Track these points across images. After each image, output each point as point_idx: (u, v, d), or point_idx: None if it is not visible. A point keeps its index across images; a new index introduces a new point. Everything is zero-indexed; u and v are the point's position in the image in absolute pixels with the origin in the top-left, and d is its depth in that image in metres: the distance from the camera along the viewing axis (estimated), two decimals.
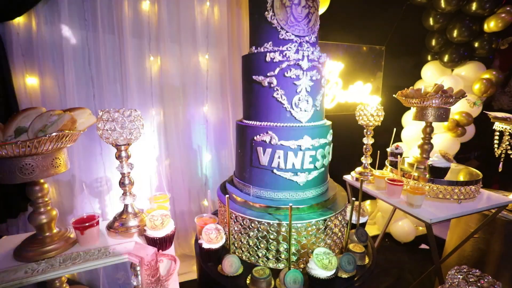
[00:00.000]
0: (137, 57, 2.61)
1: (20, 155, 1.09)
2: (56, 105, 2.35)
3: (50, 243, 1.27)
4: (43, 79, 2.33)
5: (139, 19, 2.56)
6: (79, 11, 2.37)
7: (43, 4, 2.23)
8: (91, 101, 2.51)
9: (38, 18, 2.25)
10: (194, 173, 2.94)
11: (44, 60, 2.31)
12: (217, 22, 2.81)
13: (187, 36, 2.70)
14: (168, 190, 2.81)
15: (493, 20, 2.90)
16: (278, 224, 1.24)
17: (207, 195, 3.02)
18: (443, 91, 1.80)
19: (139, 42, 2.60)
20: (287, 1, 1.22)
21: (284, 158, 1.27)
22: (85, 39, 2.41)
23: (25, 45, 2.26)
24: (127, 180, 1.41)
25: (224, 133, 3.00)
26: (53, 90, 2.37)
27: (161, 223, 1.25)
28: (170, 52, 2.65)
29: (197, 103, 2.85)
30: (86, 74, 2.46)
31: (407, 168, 2.04)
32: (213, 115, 2.94)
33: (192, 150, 2.91)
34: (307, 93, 1.27)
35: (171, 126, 2.77)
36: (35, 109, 1.19)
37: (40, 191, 1.25)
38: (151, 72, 2.68)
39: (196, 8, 2.70)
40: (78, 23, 2.37)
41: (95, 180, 2.54)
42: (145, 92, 2.70)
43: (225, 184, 1.61)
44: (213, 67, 2.85)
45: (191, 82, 2.78)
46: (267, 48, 1.28)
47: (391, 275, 3.00)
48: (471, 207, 1.75)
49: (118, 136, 1.28)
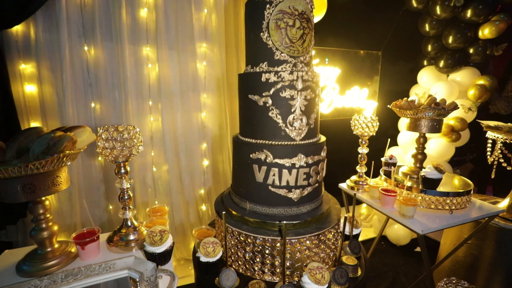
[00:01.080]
0: (136, 64, 2.64)
1: (22, 176, 1.13)
2: (55, 111, 2.39)
3: (51, 258, 1.31)
4: (41, 86, 2.35)
5: (137, 26, 2.58)
6: (78, 18, 2.39)
7: (42, 12, 2.25)
8: (89, 108, 2.54)
9: (37, 26, 2.28)
10: (192, 178, 2.98)
11: (43, 68, 2.33)
12: (215, 28, 2.83)
13: (185, 42, 2.73)
14: (166, 195, 2.88)
15: (488, 27, 2.94)
16: (273, 240, 1.29)
17: (205, 200, 3.07)
18: (436, 104, 1.84)
19: (137, 49, 2.63)
20: (282, 23, 1.26)
21: (278, 176, 1.31)
22: (83, 46, 2.43)
23: (24, 52, 2.29)
24: (127, 195, 1.45)
25: (223, 139, 3.04)
26: (51, 97, 2.40)
27: (160, 239, 1.30)
28: (168, 58, 2.68)
29: (196, 109, 2.89)
30: (84, 81, 2.49)
31: (401, 178, 2.09)
32: (210, 120, 2.97)
33: (190, 155, 2.95)
34: (302, 112, 1.31)
35: (169, 131, 2.81)
36: (36, 129, 1.23)
37: (42, 208, 1.29)
38: (149, 79, 2.71)
39: (194, 15, 2.72)
40: (76, 30, 2.40)
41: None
42: (144, 98, 2.73)
43: (222, 197, 1.66)
44: (210, 73, 2.89)
45: (189, 88, 2.82)
46: (262, 68, 1.31)
47: (386, 278, 3.06)
48: (462, 217, 1.80)
49: (117, 154, 1.32)
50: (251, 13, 1.34)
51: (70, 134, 1.21)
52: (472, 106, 3.26)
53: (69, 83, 2.38)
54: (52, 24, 2.31)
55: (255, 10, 1.30)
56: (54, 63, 2.36)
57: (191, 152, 2.94)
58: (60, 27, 2.29)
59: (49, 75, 2.37)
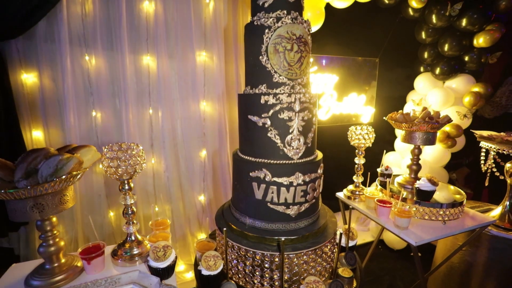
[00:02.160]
0: (136, 72, 2.69)
1: (32, 196, 1.19)
2: (56, 120, 2.43)
3: (59, 273, 1.37)
4: (43, 95, 2.40)
5: (137, 35, 2.63)
6: (79, 28, 2.43)
7: (43, 22, 2.29)
8: (90, 116, 2.59)
9: (38, 35, 2.32)
10: (192, 182, 3.04)
11: (44, 77, 2.38)
12: (214, 35, 2.88)
13: (185, 51, 2.78)
14: (166, 200, 2.94)
15: (482, 36, 3.01)
16: (272, 255, 1.35)
17: (205, 204, 3.14)
18: (430, 117, 1.91)
19: (137, 58, 2.68)
20: (280, 47, 1.32)
21: (277, 193, 1.38)
22: (84, 55, 2.48)
23: (26, 62, 2.34)
24: (130, 210, 1.51)
25: (222, 139, 3.09)
26: (53, 106, 2.44)
27: (164, 254, 1.36)
28: (168, 67, 2.73)
29: (195, 116, 2.94)
30: (85, 89, 2.54)
31: (396, 188, 2.16)
32: (209, 120, 3.02)
33: (190, 161, 3.00)
34: (299, 132, 1.38)
35: (169, 138, 2.86)
36: (43, 150, 1.28)
37: (49, 225, 1.35)
38: (149, 87, 2.76)
39: (193, 23, 2.77)
40: (77, 39, 2.44)
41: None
42: (144, 106, 2.78)
43: (222, 210, 1.72)
44: (210, 80, 2.94)
45: (188, 95, 2.87)
46: (261, 90, 1.37)
47: (383, 283, 3.14)
48: (455, 227, 1.87)
49: (122, 173, 1.38)
50: (250, 36, 1.39)
51: (77, 156, 1.27)
52: (467, 113, 3.33)
53: (70, 92, 2.42)
54: (54, 34, 2.35)
55: (255, 34, 1.35)
56: (55, 72, 2.40)
57: (191, 158, 3.00)
58: (61, 37, 2.33)
59: (50, 84, 2.41)
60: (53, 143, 2.47)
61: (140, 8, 2.60)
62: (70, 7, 2.37)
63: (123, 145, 1.43)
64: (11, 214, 1.23)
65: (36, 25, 2.24)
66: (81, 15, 2.43)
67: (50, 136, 2.47)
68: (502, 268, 2.31)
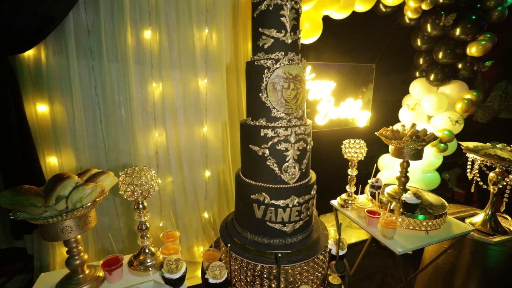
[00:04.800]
0: (140, 83, 2.88)
1: (62, 221, 1.41)
2: (66, 131, 2.65)
3: (84, 283, 1.61)
4: (52, 106, 2.59)
5: (141, 48, 2.80)
6: (85, 41, 2.61)
7: (52, 36, 2.45)
8: (98, 126, 2.79)
9: (47, 49, 2.50)
10: (195, 189, 3.28)
11: (53, 89, 2.57)
12: (215, 47, 3.06)
13: (187, 61, 2.96)
14: (171, 207, 3.18)
15: (475, 46, 3.19)
16: (270, 267, 1.59)
17: (207, 208, 3.39)
18: (417, 136, 2.12)
19: (142, 69, 2.86)
20: (278, 86, 1.51)
21: (275, 214, 1.60)
22: (91, 67, 2.66)
23: (35, 75, 2.52)
24: (144, 226, 1.74)
25: (225, 152, 3.31)
26: (62, 116, 2.64)
27: (176, 267, 1.59)
28: (171, 78, 2.92)
29: (197, 124, 3.15)
30: (92, 100, 2.73)
31: (386, 199, 2.39)
32: (211, 134, 3.24)
33: (192, 167, 3.23)
34: (294, 160, 1.59)
35: (173, 146, 3.07)
36: (69, 178, 1.49)
37: (75, 242, 1.57)
38: (153, 97, 2.96)
39: (195, 35, 2.94)
40: (84, 53, 2.62)
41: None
42: (148, 115, 2.98)
43: (226, 223, 1.95)
44: (212, 90, 3.13)
45: (191, 104, 3.07)
46: (261, 123, 1.58)
47: (375, 280, 3.42)
48: (437, 237, 2.11)
49: (137, 195, 1.60)
50: (251, 74, 1.58)
51: (99, 185, 1.48)
52: (459, 118, 3.54)
53: (78, 104, 2.62)
54: (62, 48, 2.53)
55: (255, 73, 1.55)
56: (64, 84, 2.58)
57: (193, 165, 3.22)
58: (69, 50, 2.51)
59: (59, 95, 2.59)
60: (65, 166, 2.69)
61: (145, 38, 2.78)
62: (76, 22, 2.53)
63: (137, 169, 1.65)
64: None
65: (44, 39, 2.40)
66: (87, 28, 2.60)
67: (62, 160, 2.69)
68: (482, 269, 2.56)
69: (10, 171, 2.36)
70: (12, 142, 2.32)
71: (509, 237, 2.44)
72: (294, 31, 1.55)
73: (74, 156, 2.69)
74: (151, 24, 2.74)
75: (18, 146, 2.36)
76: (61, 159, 2.66)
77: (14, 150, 2.33)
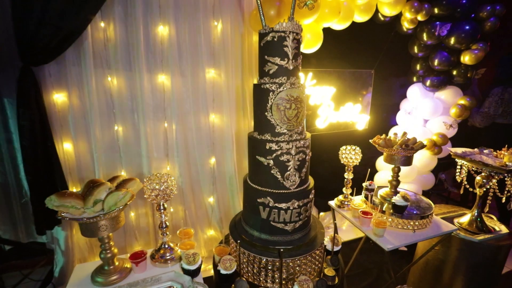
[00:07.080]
0: (152, 90, 3.18)
1: (99, 220, 1.74)
2: (83, 133, 2.95)
3: (114, 273, 1.94)
4: (72, 112, 2.89)
5: (153, 57, 3.09)
6: (102, 52, 2.90)
7: (72, 48, 2.72)
8: (112, 130, 3.10)
9: (67, 60, 2.78)
10: (202, 185, 3.59)
11: (73, 96, 2.86)
12: (222, 54, 3.34)
13: (196, 69, 3.25)
14: (181, 202, 3.51)
15: (468, 55, 3.46)
16: (273, 260, 1.92)
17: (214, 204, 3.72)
18: (406, 145, 2.43)
19: (153, 76, 3.15)
20: (281, 106, 1.82)
21: (278, 215, 1.93)
22: (107, 76, 2.96)
23: (57, 84, 2.81)
24: (164, 224, 2.07)
25: (228, 142, 3.61)
26: (80, 121, 2.95)
27: (193, 259, 1.93)
28: (180, 84, 3.21)
29: (206, 128, 3.45)
30: (108, 106, 3.03)
31: (379, 200, 2.71)
32: (218, 130, 3.54)
33: (201, 166, 3.54)
34: (295, 169, 1.91)
35: (182, 146, 3.38)
36: (104, 184, 1.82)
37: (107, 239, 1.90)
38: (164, 102, 3.26)
39: (203, 43, 3.22)
40: (100, 63, 2.91)
41: None
42: (159, 119, 3.29)
43: (235, 222, 2.28)
44: (218, 95, 3.42)
45: (199, 107, 3.37)
46: (266, 137, 1.89)
47: (370, 275, 3.75)
48: (423, 235, 2.44)
49: (160, 199, 1.93)
50: (258, 95, 1.90)
51: (130, 190, 1.81)
52: (453, 123, 3.84)
53: (95, 109, 2.92)
54: (80, 58, 2.82)
55: (262, 94, 1.85)
56: (82, 92, 2.88)
57: (202, 164, 3.53)
58: (87, 61, 2.80)
59: (77, 101, 2.90)
60: (81, 153, 3.00)
61: (155, 32, 3.05)
62: (94, 34, 2.82)
63: (157, 175, 1.97)
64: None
65: (65, 52, 2.69)
66: (104, 41, 2.88)
67: (78, 148, 2.99)
68: (468, 265, 2.88)
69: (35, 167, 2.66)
70: (36, 139, 2.61)
71: (492, 235, 2.76)
72: (295, 58, 1.85)
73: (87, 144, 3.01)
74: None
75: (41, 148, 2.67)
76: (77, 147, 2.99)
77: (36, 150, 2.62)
